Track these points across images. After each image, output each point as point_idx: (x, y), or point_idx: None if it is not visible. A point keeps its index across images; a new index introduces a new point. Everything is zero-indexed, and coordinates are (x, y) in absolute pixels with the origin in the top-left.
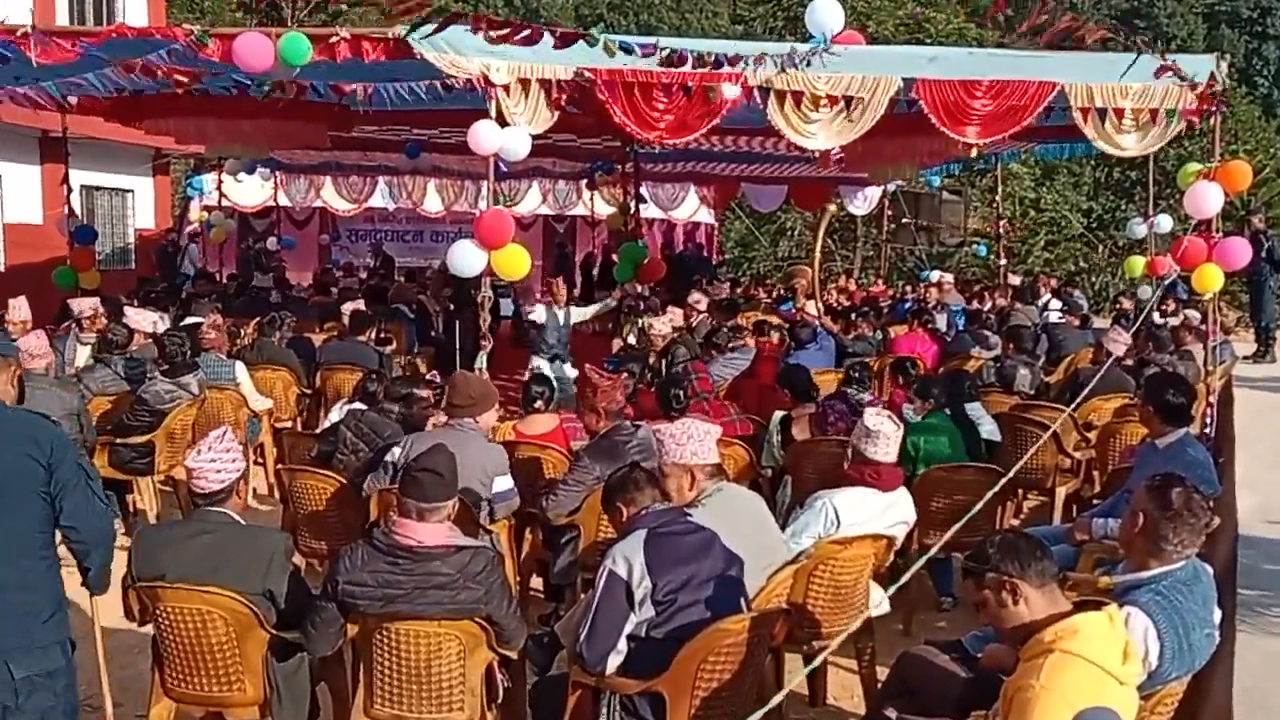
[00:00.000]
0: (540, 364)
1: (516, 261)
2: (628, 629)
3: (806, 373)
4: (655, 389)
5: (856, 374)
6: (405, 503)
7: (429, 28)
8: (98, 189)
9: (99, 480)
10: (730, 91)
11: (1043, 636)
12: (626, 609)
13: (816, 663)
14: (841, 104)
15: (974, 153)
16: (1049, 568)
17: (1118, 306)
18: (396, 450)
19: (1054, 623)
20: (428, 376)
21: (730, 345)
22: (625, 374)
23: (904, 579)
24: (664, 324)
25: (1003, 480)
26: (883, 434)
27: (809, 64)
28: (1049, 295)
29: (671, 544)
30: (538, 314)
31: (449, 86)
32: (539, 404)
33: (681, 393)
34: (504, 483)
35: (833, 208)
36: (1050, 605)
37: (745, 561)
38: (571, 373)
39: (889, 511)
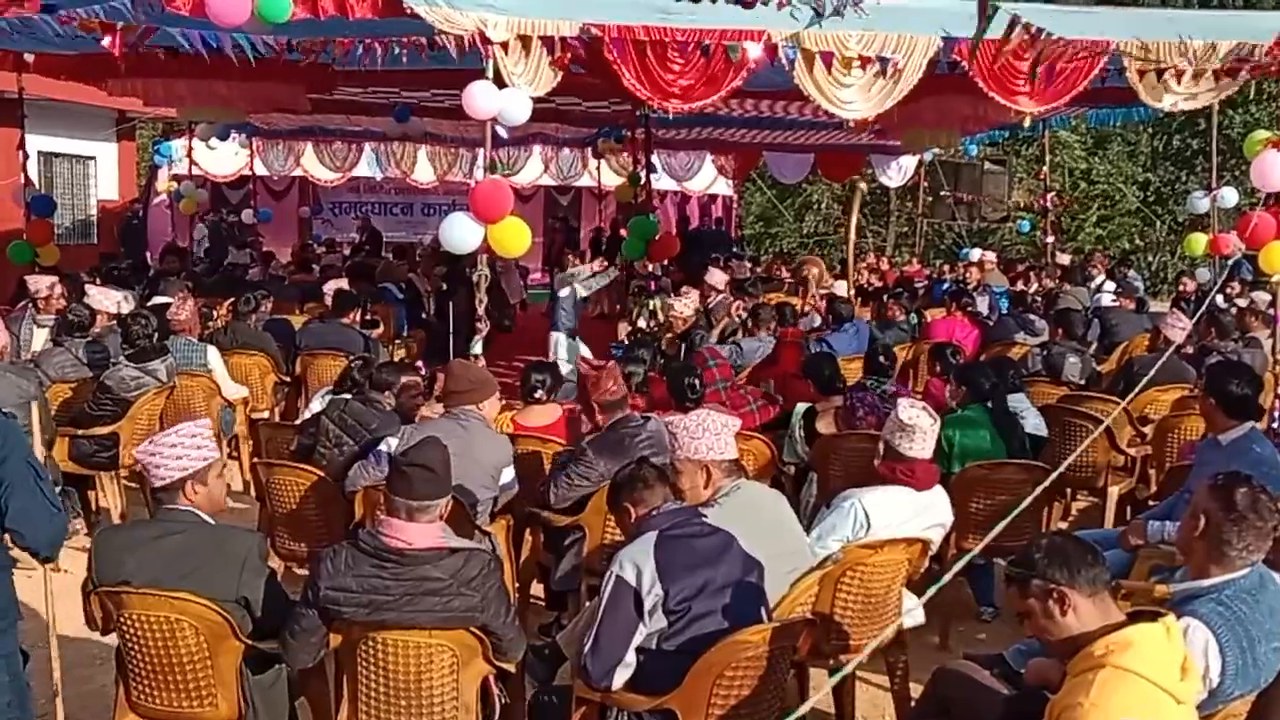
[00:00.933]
0: (560, 339)
1: (516, 236)
2: (636, 640)
3: (832, 361)
4: (667, 377)
5: (885, 360)
6: (393, 501)
7: None
8: (57, 156)
9: (50, 480)
10: (753, 50)
11: (1092, 650)
12: (635, 618)
13: (844, 673)
14: (876, 65)
15: (1027, 121)
16: (1100, 575)
17: (1178, 288)
18: (394, 441)
19: (1105, 635)
20: (415, 364)
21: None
22: (624, 361)
23: (939, 585)
24: (686, 305)
25: (1050, 479)
26: (918, 428)
27: (841, 15)
28: (1103, 276)
29: (685, 547)
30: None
31: (434, 44)
32: (539, 393)
33: (696, 381)
34: (509, 473)
35: (864, 186)
36: (1102, 616)
37: (766, 567)
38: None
39: (924, 513)
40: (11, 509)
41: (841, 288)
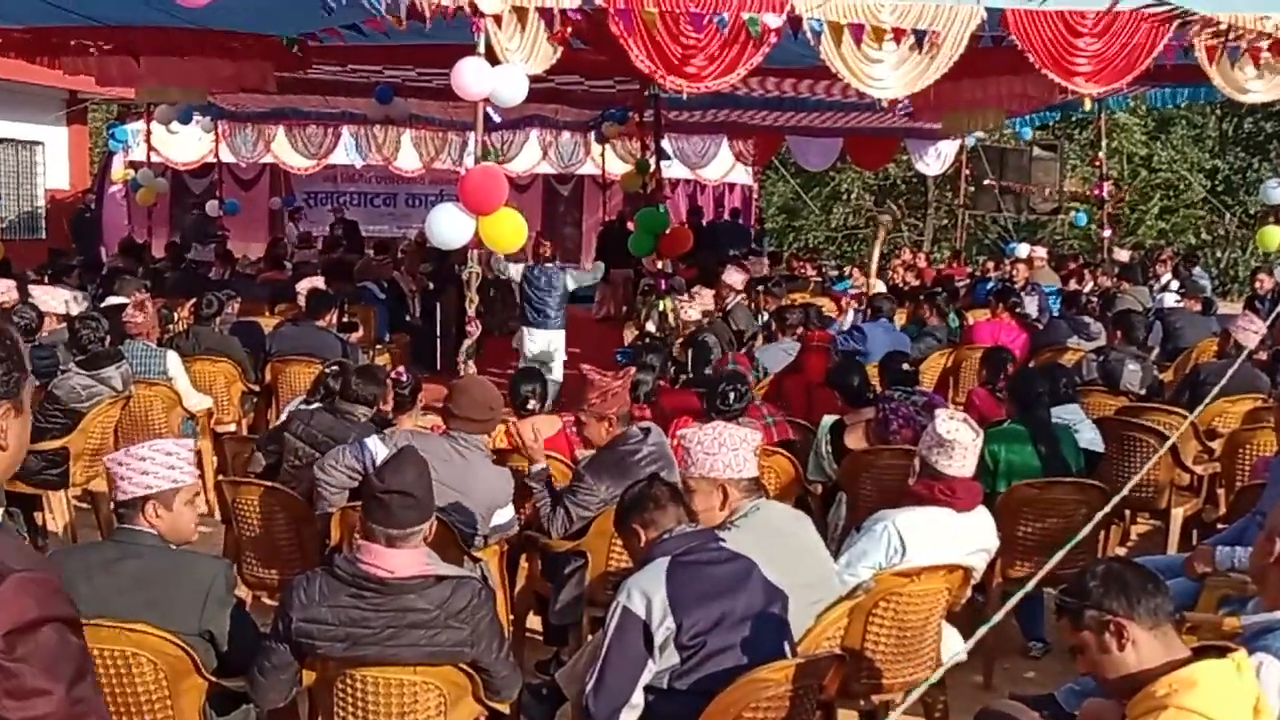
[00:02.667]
0: (535, 337)
1: (510, 230)
2: (645, 678)
3: (861, 369)
4: (702, 385)
5: (908, 369)
6: (371, 528)
7: None
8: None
9: None
10: (774, 22)
11: (1154, 690)
12: (644, 654)
13: None
14: (911, 39)
15: (1088, 105)
16: (1163, 605)
17: (1251, 287)
18: (381, 447)
19: (1168, 673)
20: (392, 374)
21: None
22: (636, 368)
23: (990, 625)
24: (695, 308)
25: (1111, 504)
26: (958, 443)
27: None
28: (1169, 275)
29: (700, 575)
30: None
31: (416, 11)
32: (532, 404)
33: (733, 393)
34: (505, 514)
35: (888, 220)
36: (1164, 651)
37: (790, 597)
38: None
39: (966, 536)
40: None
41: (876, 286)
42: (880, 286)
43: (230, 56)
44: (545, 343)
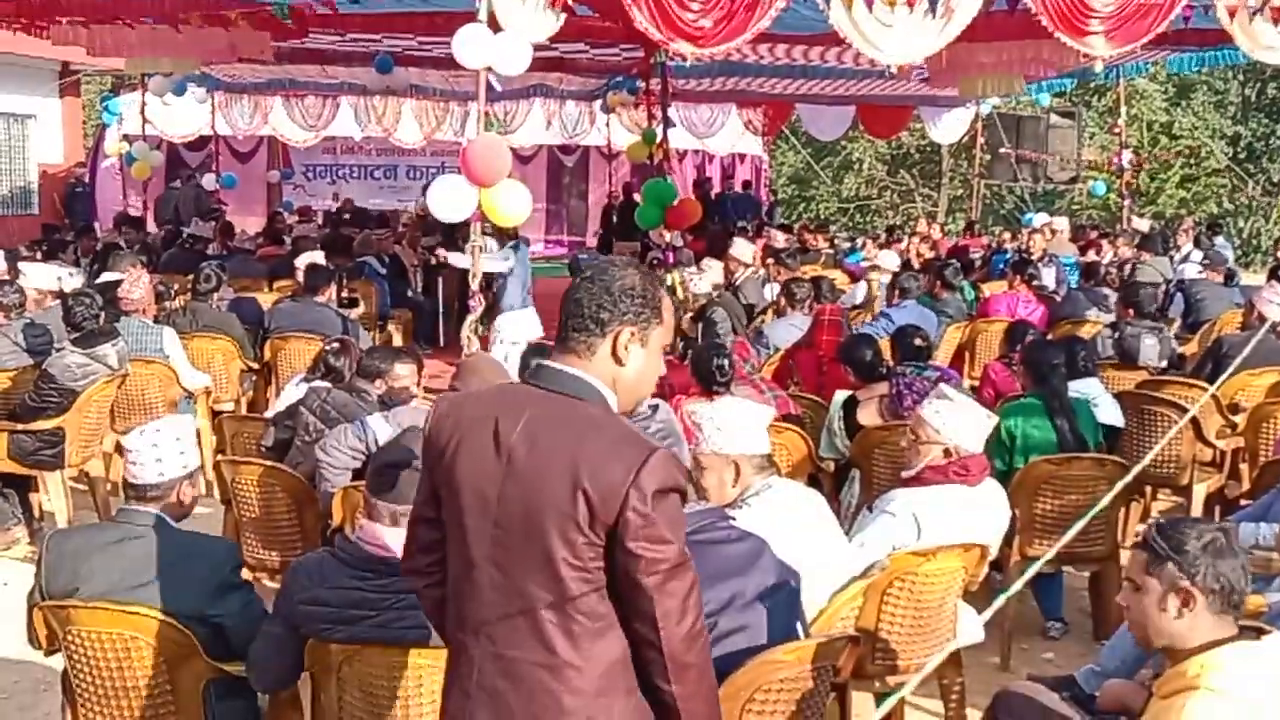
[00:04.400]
0: (508, 323)
1: (513, 203)
2: None
3: (873, 344)
4: (691, 360)
5: (920, 343)
6: (374, 505)
7: None
8: None
9: None
10: None
11: (1184, 669)
12: None
13: (893, 700)
14: (924, 3)
15: (1099, 66)
16: (1240, 600)
17: (1277, 256)
18: (381, 424)
19: (1202, 653)
20: (412, 349)
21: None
22: None
23: (1007, 594)
24: (704, 282)
25: (1129, 476)
26: (957, 407)
27: None
28: (1190, 245)
29: (710, 554)
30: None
31: None
32: None
33: (725, 363)
34: None
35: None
36: (1211, 633)
37: (802, 577)
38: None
39: (980, 512)
40: None
41: (887, 259)
42: (891, 259)
43: (225, 24)
44: (529, 326)
